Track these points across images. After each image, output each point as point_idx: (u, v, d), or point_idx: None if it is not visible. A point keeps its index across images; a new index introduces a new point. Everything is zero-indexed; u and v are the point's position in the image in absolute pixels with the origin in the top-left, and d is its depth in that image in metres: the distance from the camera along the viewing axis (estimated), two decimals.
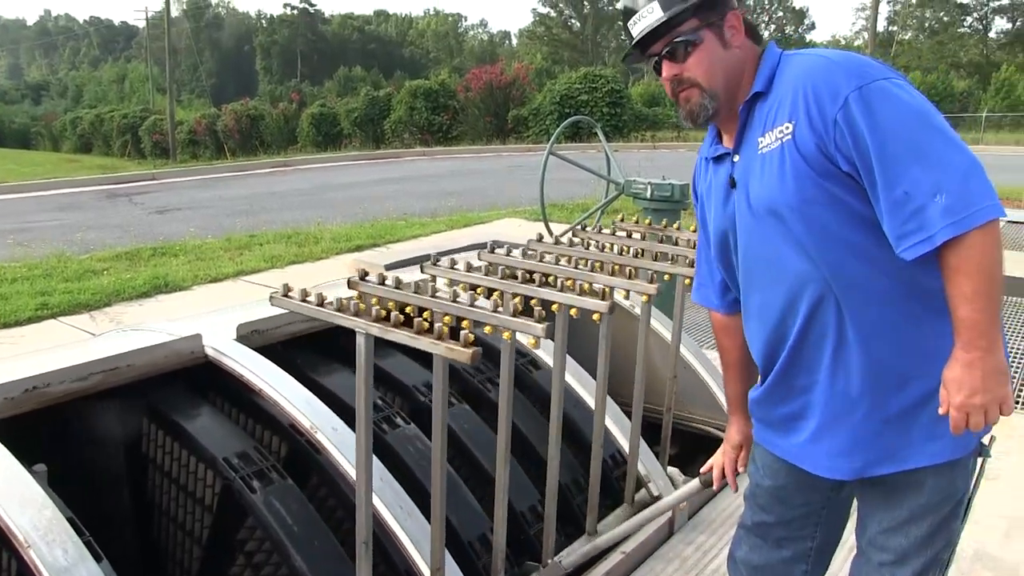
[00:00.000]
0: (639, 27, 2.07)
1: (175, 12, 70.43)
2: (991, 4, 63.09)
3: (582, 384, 3.65)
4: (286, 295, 2.51)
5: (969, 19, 64.15)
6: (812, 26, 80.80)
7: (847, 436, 2.04)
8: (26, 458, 2.43)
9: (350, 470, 2.59)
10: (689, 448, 4.25)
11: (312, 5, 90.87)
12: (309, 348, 3.43)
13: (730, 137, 2.13)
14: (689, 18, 2.02)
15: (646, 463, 3.57)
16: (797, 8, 77.46)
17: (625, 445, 3.51)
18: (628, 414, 3.51)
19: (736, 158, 2.09)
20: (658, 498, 3.44)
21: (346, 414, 2.74)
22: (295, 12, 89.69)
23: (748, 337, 2.24)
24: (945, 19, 63.46)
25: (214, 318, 3.62)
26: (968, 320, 1.80)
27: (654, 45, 2.07)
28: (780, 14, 77.06)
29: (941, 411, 1.88)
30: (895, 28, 66.24)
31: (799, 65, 1.97)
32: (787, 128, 1.92)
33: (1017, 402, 5.21)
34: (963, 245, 1.76)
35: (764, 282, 2.09)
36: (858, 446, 2.03)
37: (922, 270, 1.88)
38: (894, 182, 1.78)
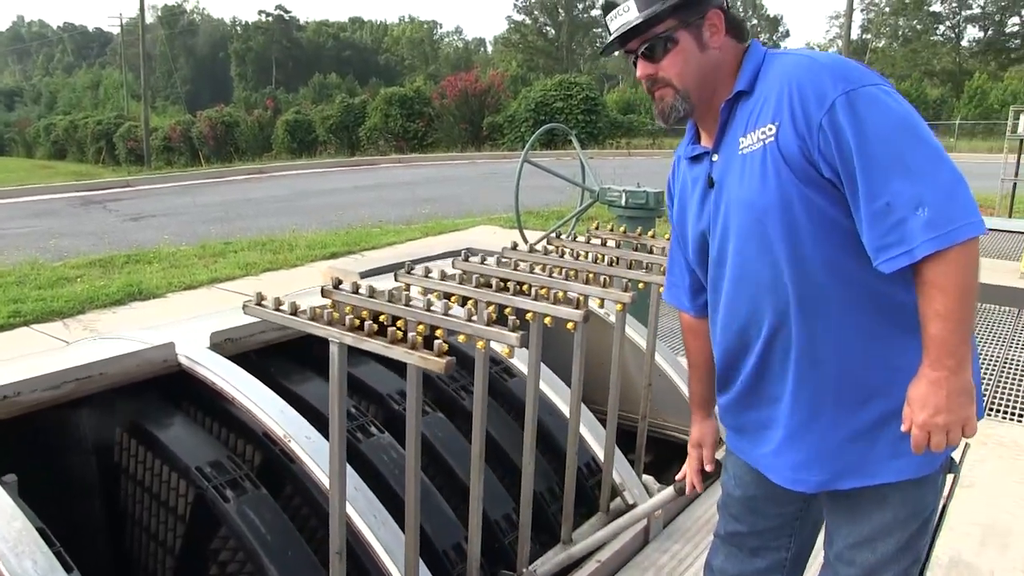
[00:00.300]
0: (617, 23, 2.05)
1: (150, 18, 70.00)
2: (963, 13, 63.97)
3: (557, 392, 3.66)
4: (259, 304, 2.50)
5: (942, 28, 64.97)
6: (786, 34, 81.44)
7: (811, 449, 2.02)
8: None
9: (324, 479, 2.58)
10: (664, 456, 4.26)
11: (287, 12, 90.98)
12: (283, 356, 3.41)
13: (709, 136, 2.09)
14: (667, 18, 1.99)
15: (621, 471, 3.58)
16: (771, 16, 78.25)
17: (600, 453, 3.52)
18: (603, 421, 3.52)
19: (715, 157, 2.05)
20: (633, 506, 3.45)
21: (320, 423, 2.73)
22: (270, 19, 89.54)
23: (712, 339, 2.21)
24: (918, 27, 64.20)
25: (187, 326, 3.61)
26: (938, 338, 1.77)
27: (631, 42, 2.04)
28: (755, 22, 77.69)
29: (904, 428, 1.85)
30: (869, 36, 66.91)
31: (784, 65, 1.93)
32: (770, 129, 1.87)
33: (993, 409, 5.27)
34: (942, 261, 1.72)
35: (734, 285, 2.05)
36: (822, 459, 2.01)
37: (895, 284, 1.86)
38: (877, 192, 1.75)
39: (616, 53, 2.14)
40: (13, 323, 7.40)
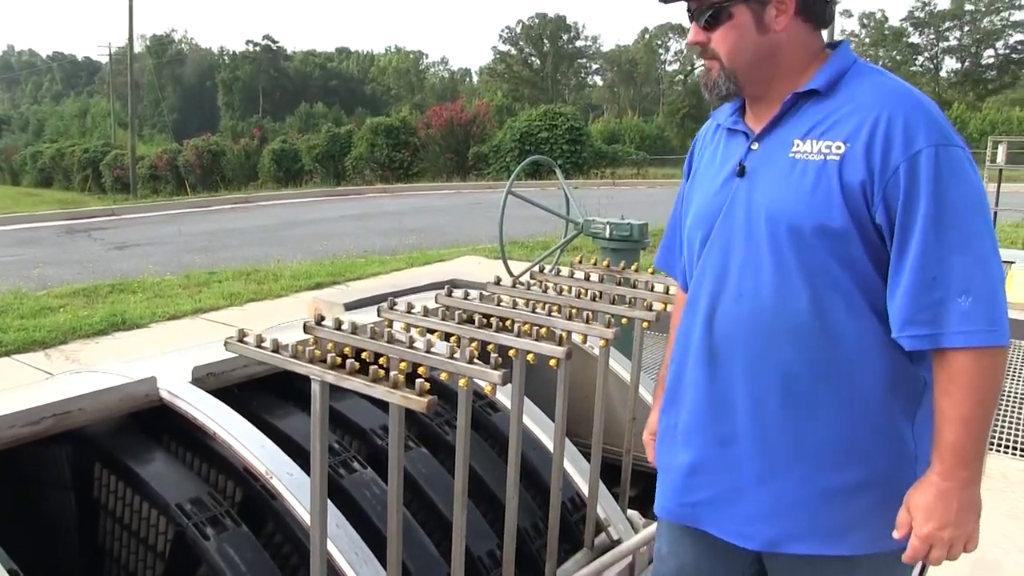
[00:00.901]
0: None
1: (138, 48, 70.14)
2: (941, 45, 65.13)
3: (541, 427, 3.65)
4: (241, 340, 2.49)
5: (920, 59, 66.07)
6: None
7: (769, 500, 1.83)
8: None
9: (306, 516, 2.56)
10: (650, 490, 4.24)
11: (275, 42, 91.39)
12: (266, 391, 3.40)
13: (757, 119, 1.89)
14: None
15: (606, 506, 3.56)
16: None
17: (584, 488, 3.51)
18: (588, 456, 3.51)
19: (755, 146, 1.85)
20: (618, 542, 3.43)
21: (303, 458, 2.71)
22: (257, 48, 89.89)
23: (678, 336, 2.02)
24: (898, 58, 65.45)
25: (170, 359, 3.58)
26: (956, 445, 1.63)
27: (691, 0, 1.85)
28: None
29: (898, 535, 1.72)
30: None
31: (884, 85, 1.74)
32: (839, 147, 1.69)
33: (1004, 445, 5.27)
34: (977, 360, 1.60)
35: (726, 292, 1.86)
36: (780, 513, 1.83)
37: (907, 365, 1.74)
38: (930, 263, 1.61)
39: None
40: None
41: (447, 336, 2.70)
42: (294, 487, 2.70)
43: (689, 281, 2.01)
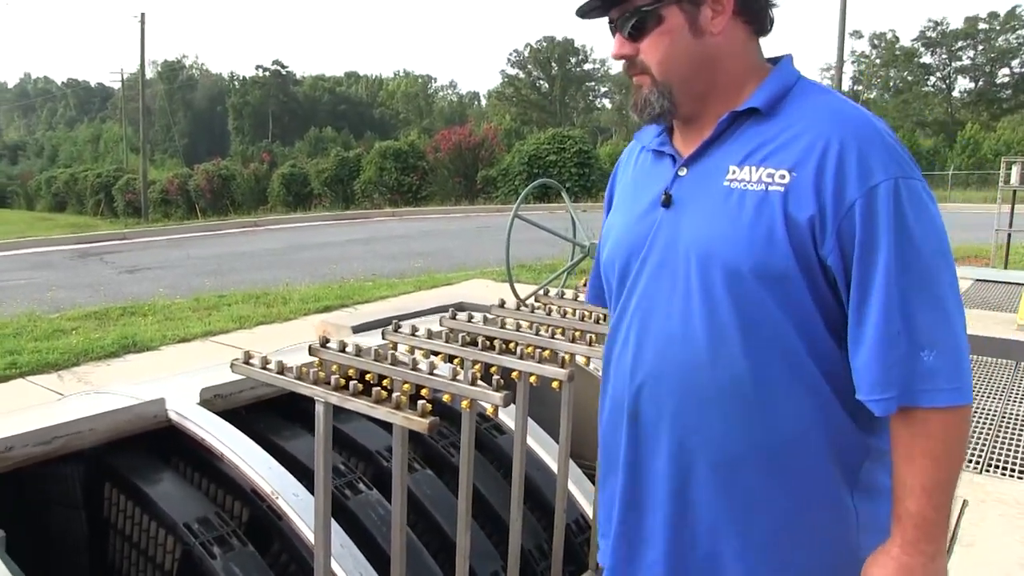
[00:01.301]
0: None
1: (150, 74, 70.88)
2: (953, 64, 64.79)
3: (545, 448, 3.68)
4: (247, 362, 2.54)
5: (933, 79, 65.70)
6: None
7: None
8: None
9: (311, 536, 2.60)
10: None
11: (284, 67, 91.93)
12: (272, 412, 3.44)
13: (686, 142, 1.66)
14: None
15: None
16: None
17: (589, 510, 3.53)
18: (592, 477, 3.54)
19: (683, 171, 1.61)
20: None
21: (308, 479, 2.75)
22: (267, 74, 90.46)
23: (604, 392, 1.80)
24: (909, 79, 64.93)
25: (178, 381, 3.64)
26: (919, 516, 1.45)
27: (612, 9, 1.61)
28: None
29: None
30: (860, 88, 67.68)
31: (834, 108, 1.51)
32: (783, 177, 1.47)
33: (992, 466, 5.28)
34: (939, 420, 1.42)
35: (643, 350, 1.63)
36: None
37: (853, 431, 1.54)
38: (894, 314, 1.41)
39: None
40: (9, 374, 7.41)
41: (451, 358, 2.74)
42: (299, 507, 2.74)
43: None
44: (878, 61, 67.00)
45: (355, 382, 2.23)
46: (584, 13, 1.66)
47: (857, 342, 1.45)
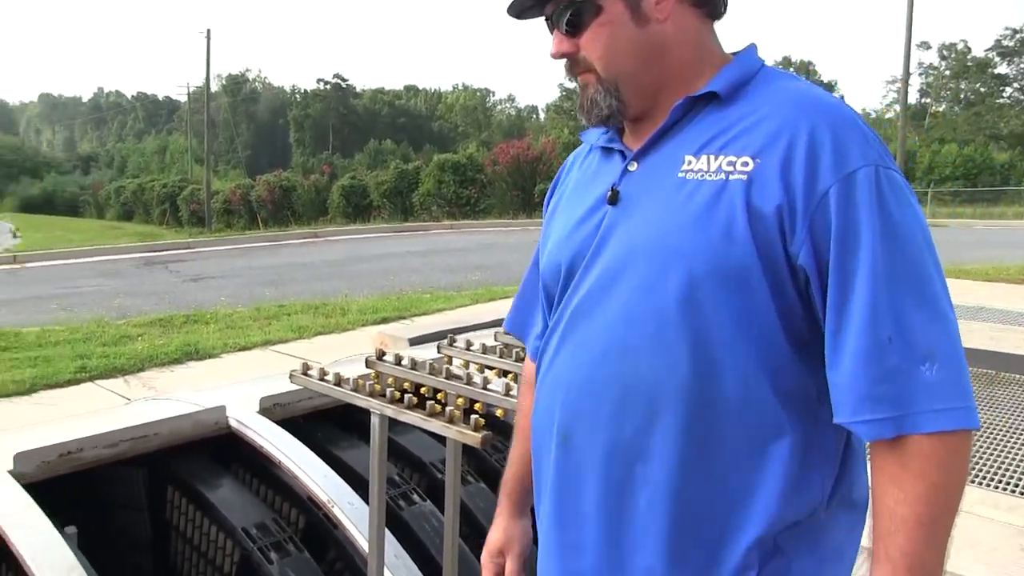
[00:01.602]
0: None
1: (214, 87, 72.36)
2: None
3: None
4: (305, 373, 2.61)
5: (1009, 89, 63.20)
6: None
7: None
8: (59, 520, 2.54)
9: (366, 545, 2.66)
10: None
11: (344, 80, 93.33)
12: (329, 422, 3.52)
13: (637, 137, 1.46)
14: None
15: None
16: (825, 81, 78.25)
17: None
18: None
19: (633, 166, 1.42)
20: None
21: (363, 489, 2.81)
22: (328, 87, 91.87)
23: (535, 406, 1.55)
24: (982, 90, 62.42)
25: (238, 390, 3.74)
26: (912, 555, 1.20)
27: (547, 3, 1.45)
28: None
29: None
30: (928, 100, 66.00)
31: (801, 92, 1.35)
32: (745, 164, 1.28)
33: (1013, 485, 5.17)
34: (944, 447, 1.19)
35: (578, 360, 1.42)
36: None
37: (806, 471, 1.31)
38: (884, 317, 1.19)
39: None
40: (79, 378, 7.67)
41: (504, 373, 2.79)
42: (355, 516, 2.80)
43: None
44: (948, 73, 65.28)
45: (410, 395, 2.29)
46: (519, 13, 1.49)
47: (837, 352, 1.23)
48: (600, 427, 1.38)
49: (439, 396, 2.39)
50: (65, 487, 2.87)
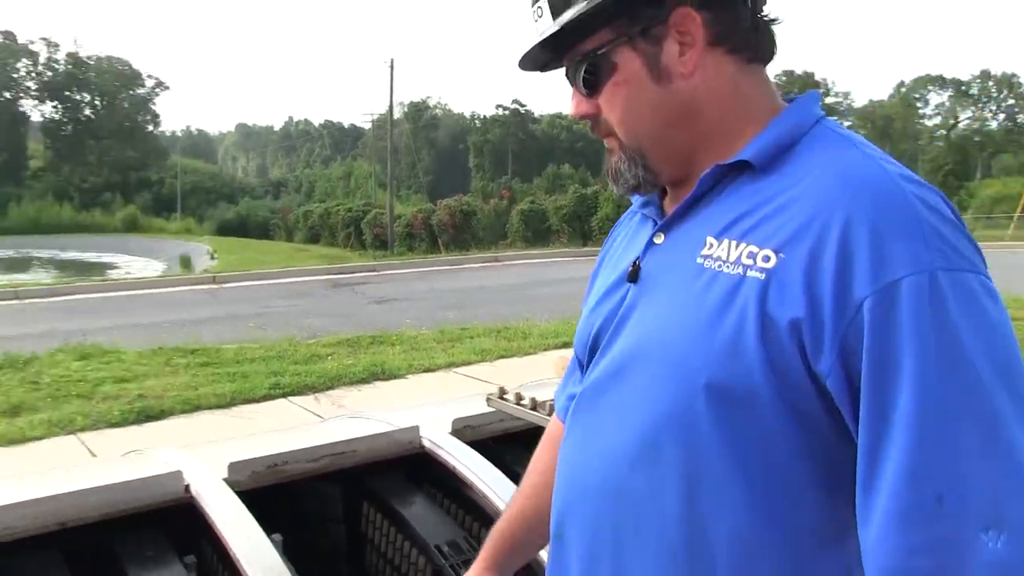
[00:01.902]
0: (537, 28, 1.22)
1: (397, 114, 75.14)
2: None
3: None
4: (501, 396, 2.68)
5: None
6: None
7: None
8: (266, 528, 2.70)
9: None
10: None
11: (522, 106, 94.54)
12: (518, 445, 3.58)
13: (675, 199, 1.25)
14: (598, 25, 1.16)
15: None
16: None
17: None
18: None
19: (660, 238, 1.22)
20: None
21: None
22: (507, 112, 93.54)
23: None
24: None
25: (429, 411, 3.86)
26: None
27: (565, 55, 1.24)
28: (1011, 101, 73.38)
29: None
30: None
31: (848, 164, 1.07)
32: (767, 258, 1.04)
33: None
34: None
35: (583, 455, 1.25)
36: None
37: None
38: (930, 469, 0.92)
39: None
40: (273, 394, 8.13)
41: None
42: None
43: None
44: None
45: None
46: (543, 65, 1.29)
47: (867, 508, 0.96)
48: (584, 538, 1.22)
49: None
50: (270, 497, 3.05)
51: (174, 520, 2.65)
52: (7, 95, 75.84)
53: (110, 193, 67.08)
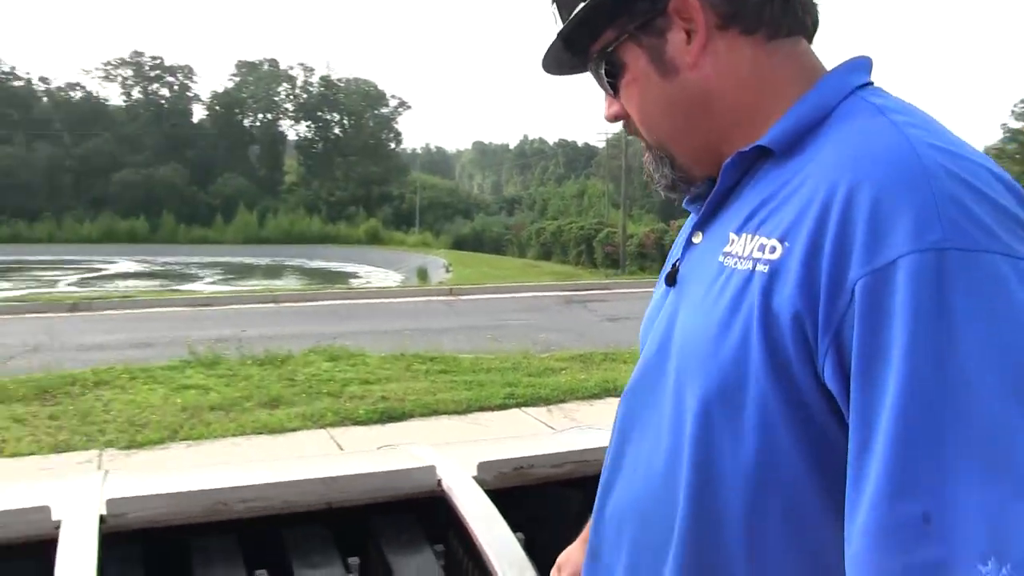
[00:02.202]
0: (556, 29, 1.18)
1: None
2: None
3: None
4: None
5: None
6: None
7: None
8: (511, 526, 2.82)
9: None
10: None
11: None
12: None
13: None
14: (604, 25, 1.12)
15: None
16: None
17: None
18: None
19: (697, 237, 1.14)
20: None
21: None
22: None
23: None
24: None
25: None
26: None
27: (584, 57, 1.20)
28: None
29: None
30: None
31: (865, 136, 0.94)
32: (773, 249, 0.94)
33: None
34: None
35: (618, 470, 1.19)
36: None
37: None
38: (914, 482, 0.79)
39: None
40: (507, 404, 8.39)
41: None
42: None
43: None
44: None
45: None
46: (569, 69, 1.24)
47: (850, 519, 0.84)
48: (621, 553, 1.16)
49: None
50: (515, 498, 3.17)
51: (426, 511, 2.81)
52: (269, 116, 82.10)
53: (354, 207, 71.03)
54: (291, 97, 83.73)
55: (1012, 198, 0.88)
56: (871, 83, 1.05)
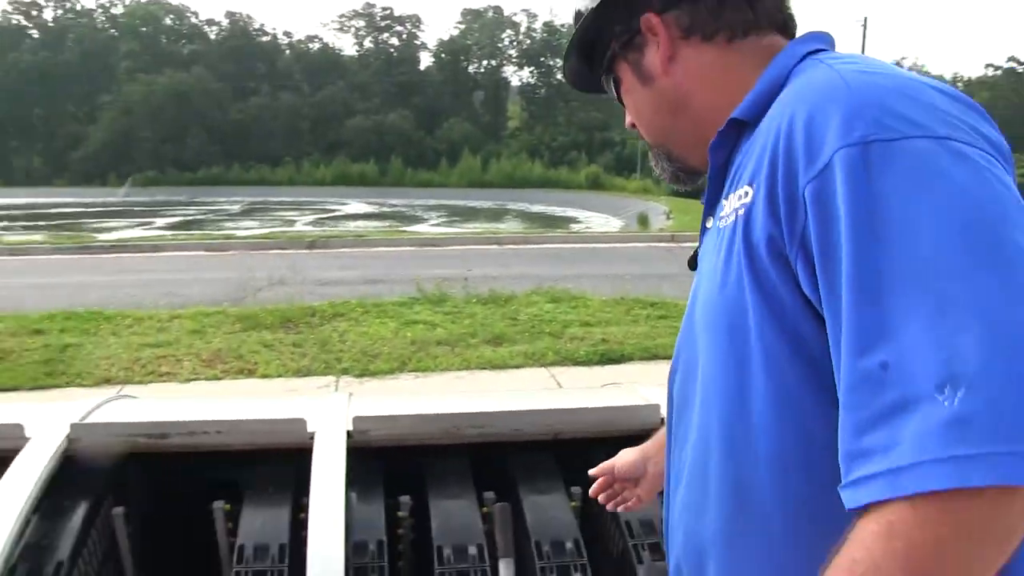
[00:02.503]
0: None
1: None
2: None
3: None
4: None
5: None
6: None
7: None
8: None
9: None
10: None
11: (1021, 63, 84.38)
12: None
13: None
14: (596, 47, 1.33)
15: None
16: None
17: None
18: None
19: (709, 222, 1.22)
20: None
21: None
22: (998, 72, 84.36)
23: None
24: None
25: None
26: None
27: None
28: None
29: None
30: None
31: (808, 79, 1.04)
32: (745, 194, 1.04)
33: None
34: (969, 514, 0.77)
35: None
36: None
37: None
38: (871, 337, 0.84)
39: None
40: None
41: None
42: None
43: None
44: None
45: None
46: (585, 83, 1.44)
47: (839, 396, 0.89)
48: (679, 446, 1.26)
49: None
50: None
51: None
52: (492, 63, 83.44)
53: (576, 152, 71.10)
54: (515, 43, 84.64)
55: (949, 101, 0.95)
56: (824, 50, 1.14)
